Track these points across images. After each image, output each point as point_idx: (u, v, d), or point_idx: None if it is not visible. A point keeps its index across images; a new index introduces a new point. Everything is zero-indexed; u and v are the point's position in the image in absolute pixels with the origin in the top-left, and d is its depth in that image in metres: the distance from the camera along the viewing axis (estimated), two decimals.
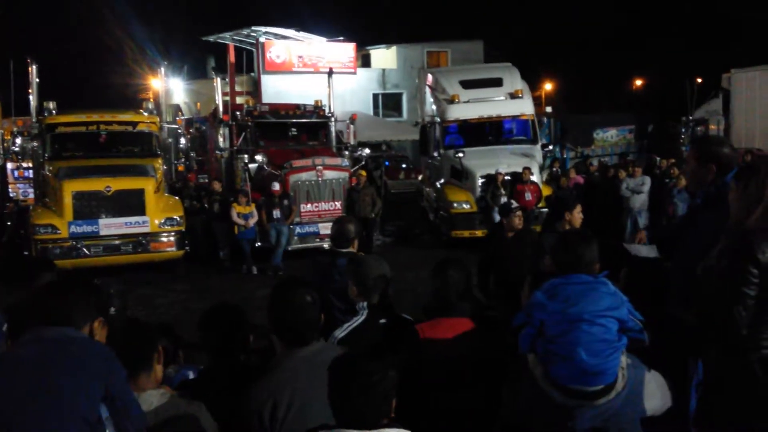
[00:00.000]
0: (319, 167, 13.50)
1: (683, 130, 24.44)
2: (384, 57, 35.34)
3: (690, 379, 3.09)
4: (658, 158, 17.49)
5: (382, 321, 3.50)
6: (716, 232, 3.09)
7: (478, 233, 14.04)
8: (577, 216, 5.58)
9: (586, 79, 44.12)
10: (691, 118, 24.65)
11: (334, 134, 15.64)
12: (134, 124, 13.63)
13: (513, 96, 15.65)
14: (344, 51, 31.05)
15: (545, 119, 17.42)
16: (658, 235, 4.47)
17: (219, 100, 14.68)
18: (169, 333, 3.45)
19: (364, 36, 34.04)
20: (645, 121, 30.59)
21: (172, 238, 12.11)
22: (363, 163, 15.48)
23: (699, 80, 28.61)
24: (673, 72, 36.00)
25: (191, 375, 3.53)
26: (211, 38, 29.36)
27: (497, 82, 16.00)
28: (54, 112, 13.16)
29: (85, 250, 11.59)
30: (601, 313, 2.53)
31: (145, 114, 13.99)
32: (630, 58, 44.41)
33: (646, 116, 31.09)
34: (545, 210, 14.07)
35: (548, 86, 42.26)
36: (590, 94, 43.25)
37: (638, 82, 45.91)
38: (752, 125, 22.23)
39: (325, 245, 11.70)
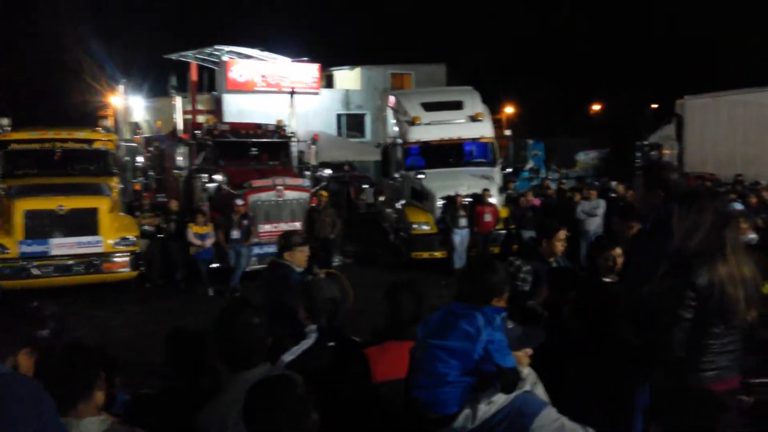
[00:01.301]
0: (279, 187, 13.39)
1: (638, 154, 25.06)
2: (348, 78, 35.52)
3: (636, 404, 3.11)
4: (613, 182, 17.86)
5: (331, 344, 3.46)
6: (663, 256, 3.14)
7: (437, 254, 14.13)
8: (556, 244, 5.05)
9: (545, 103, 44.95)
10: (645, 143, 25.30)
11: (295, 154, 15.59)
12: (90, 141, 13.39)
13: (473, 119, 15.83)
14: (308, 71, 31.11)
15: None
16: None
17: (178, 118, 14.52)
18: (105, 356, 3.36)
19: (329, 57, 34.21)
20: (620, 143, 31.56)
21: (126, 259, 11.85)
22: (324, 183, 15.43)
23: (654, 106, 29.42)
24: (629, 97, 36.98)
25: (127, 399, 3.43)
26: (174, 56, 29.11)
27: (458, 105, 16.18)
28: (8, 128, 12.87)
29: (35, 270, 11.26)
30: (443, 345, 2.55)
31: (102, 132, 13.77)
32: (589, 82, 45.44)
33: (624, 139, 32.06)
34: (503, 232, 14.25)
35: (509, 110, 42.86)
36: (551, 118, 44.10)
37: (596, 107, 46.93)
38: (705, 150, 22.91)
39: None
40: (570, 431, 2.58)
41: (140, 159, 15.17)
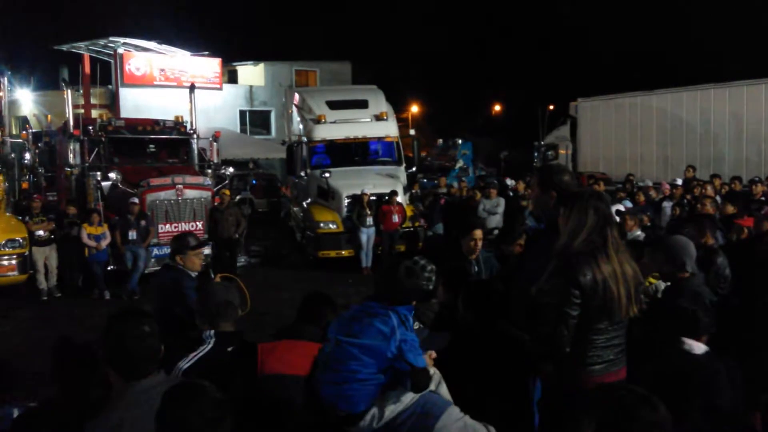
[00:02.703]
0: (179, 186, 12.96)
1: (536, 154, 26.05)
2: (252, 74, 34.91)
3: (531, 397, 3.23)
4: (512, 181, 18.48)
5: (230, 349, 3.39)
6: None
7: (344, 253, 14.14)
8: (470, 243, 4.93)
9: (449, 102, 45.98)
10: (542, 143, 26.33)
11: (196, 152, 15.15)
12: None
13: (378, 118, 15.90)
14: (209, 66, 30.30)
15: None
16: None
17: (69, 113, 13.78)
18: None
19: (231, 52, 33.48)
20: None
21: (13, 262, 11.20)
22: (227, 182, 15.08)
23: (551, 107, 30.66)
24: (528, 98, 38.43)
25: (15, 413, 3.25)
26: (65, 47, 27.57)
27: (363, 104, 16.20)
28: None
29: None
30: (358, 343, 2.59)
31: None
32: (490, 83, 46.88)
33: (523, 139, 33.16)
34: (409, 230, 14.44)
35: (414, 109, 43.52)
36: (454, 117, 45.16)
37: (497, 108, 48.45)
38: (596, 151, 24.11)
39: None
40: (472, 430, 2.63)
41: (28, 156, 14.32)
